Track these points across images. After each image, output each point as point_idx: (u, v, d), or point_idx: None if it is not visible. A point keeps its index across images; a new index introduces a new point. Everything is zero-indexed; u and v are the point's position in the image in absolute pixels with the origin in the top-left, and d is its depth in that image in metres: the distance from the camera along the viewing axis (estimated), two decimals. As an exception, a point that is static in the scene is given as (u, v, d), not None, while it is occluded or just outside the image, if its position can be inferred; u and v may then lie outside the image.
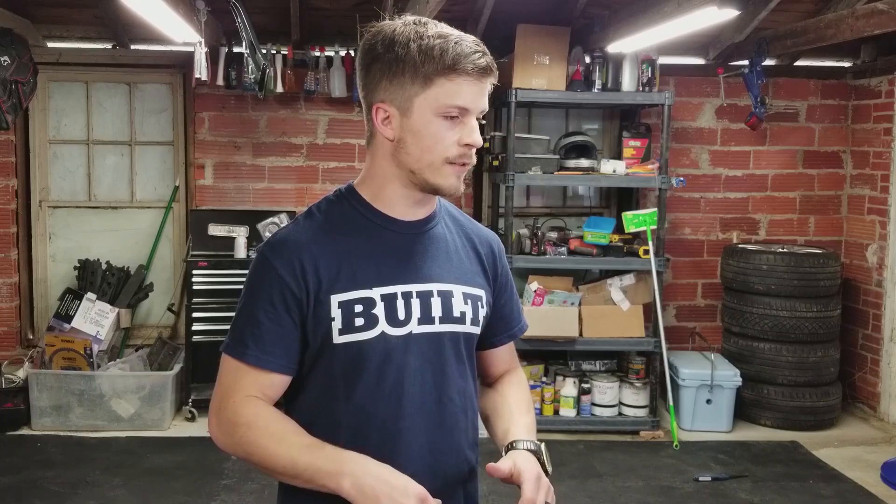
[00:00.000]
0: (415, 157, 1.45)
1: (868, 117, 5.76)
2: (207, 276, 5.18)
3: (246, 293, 1.51)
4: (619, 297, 5.25)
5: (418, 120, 1.43)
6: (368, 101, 1.48)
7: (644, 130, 5.51)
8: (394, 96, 1.44)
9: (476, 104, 1.44)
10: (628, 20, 4.74)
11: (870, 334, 5.61)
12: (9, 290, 5.59)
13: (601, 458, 4.78)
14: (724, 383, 5.19)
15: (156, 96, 5.77)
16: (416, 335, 1.50)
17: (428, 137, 1.43)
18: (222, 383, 1.49)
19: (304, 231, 1.50)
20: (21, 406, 4.99)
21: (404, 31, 1.43)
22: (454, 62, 1.40)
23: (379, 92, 1.45)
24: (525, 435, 1.56)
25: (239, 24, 4.75)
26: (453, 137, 1.43)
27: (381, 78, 1.44)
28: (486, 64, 1.42)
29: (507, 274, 1.70)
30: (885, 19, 4.16)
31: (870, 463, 4.67)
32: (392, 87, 1.43)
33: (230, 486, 4.29)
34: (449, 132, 1.43)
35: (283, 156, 5.70)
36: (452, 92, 1.41)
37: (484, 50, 1.44)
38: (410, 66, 1.41)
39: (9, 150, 5.53)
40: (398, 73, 1.42)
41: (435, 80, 1.40)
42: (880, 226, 5.59)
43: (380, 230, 1.51)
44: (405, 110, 1.43)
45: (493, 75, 1.44)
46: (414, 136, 1.44)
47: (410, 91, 1.42)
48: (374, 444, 1.47)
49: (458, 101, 1.41)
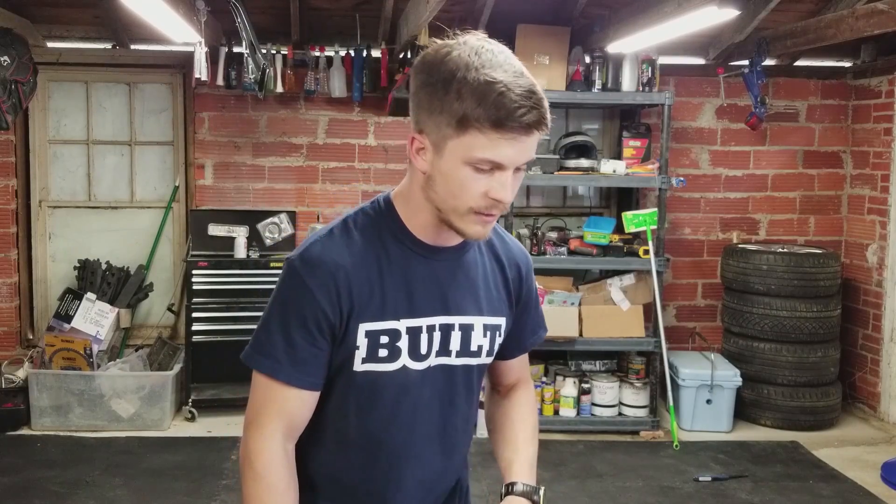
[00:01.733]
0: (441, 198, 1.39)
1: (868, 117, 5.76)
2: (207, 276, 5.18)
3: (279, 306, 1.46)
4: (619, 297, 5.25)
5: (448, 162, 1.35)
6: (412, 124, 1.41)
7: (644, 130, 5.51)
8: (430, 130, 1.36)
9: (513, 161, 1.33)
10: (628, 20, 4.74)
11: (870, 334, 5.61)
12: (9, 290, 5.59)
13: (601, 458, 4.78)
14: (724, 383, 5.19)
15: (156, 96, 5.78)
16: (433, 367, 1.52)
17: (455, 183, 1.35)
18: (256, 399, 1.49)
19: (339, 249, 1.44)
20: (21, 406, 4.99)
21: (457, 60, 1.31)
22: (493, 117, 1.28)
23: (420, 121, 1.38)
24: (526, 473, 1.60)
25: (239, 24, 4.74)
26: (481, 189, 1.34)
27: (423, 107, 1.36)
28: (532, 121, 1.29)
29: (530, 292, 1.68)
30: (885, 19, 4.16)
31: (870, 463, 4.67)
32: (430, 121, 1.35)
33: (230, 486, 4.29)
34: (477, 183, 1.34)
35: (283, 156, 5.70)
36: (486, 146, 1.30)
37: (535, 103, 1.29)
38: (448, 106, 1.31)
39: (9, 150, 5.53)
40: (436, 110, 1.33)
41: (469, 129, 1.30)
42: (880, 226, 5.59)
43: (412, 255, 1.48)
44: (439, 149, 1.35)
45: (541, 130, 1.32)
46: (443, 178, 1.37)
47: (445, 132, 1.33)
48: (383, 469, 1.52)
49: (490, 156, 1.31)
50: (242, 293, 5.21)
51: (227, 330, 5.20)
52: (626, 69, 5.19)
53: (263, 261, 5.34)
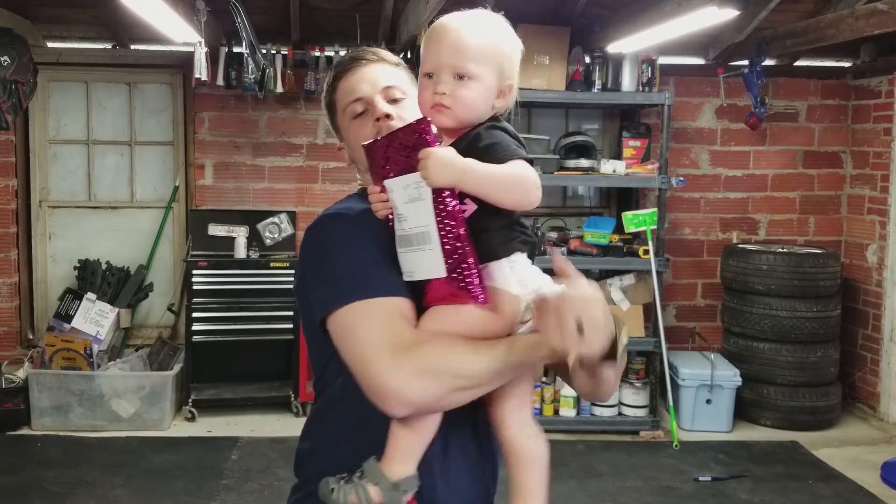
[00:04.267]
0: (359, 160, 1.57)
1: (868, 117, 5.76)
2: (207, 276, 5.18)
3: (327, 255, 1.44)
4: (619, 296, 5.25)
5: (346, 134, 1.63)
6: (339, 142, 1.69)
7: (644, 130, 5.51)
8: (338, 133, 1.66)
9: (361, 89, 1.58)
10: (628, 20, 4.74)
11: (870, 334, 5.61)
12: (9, 290, 5.59)
13: (601, 458, 4.78)
14: (724, 383, 5.19)
15: (156, 96, 5.77)
16: None
17: (353, 140, 1.60)
18: (372, 330, 1.35)
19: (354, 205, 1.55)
20: (21, 406, 4.99)
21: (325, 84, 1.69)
22: (332, 75, 1.64)
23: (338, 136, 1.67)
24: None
25: (239, 24, 4.75)
26: (367, 125, 1.57)
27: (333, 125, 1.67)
28: (353, 55, 1.63)
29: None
30: (885, 19, 4.16)
31: (870, 463, 4.67)
32: (334, 128, 1.67)
33: (230, 486, 4.29)
34: (363, 123, 1.58)
35: (283, 156, 5.71)
36: (344, 92, 1.61)
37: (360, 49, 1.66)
38: (326, 106, 1.66)
39: (9, 150, 5.53)
40: (330, 117, 1.67)
41: (335, 97, 1.63)
42: (880, 226, 5.59)
43: None
44: (343, 132, 1.64)
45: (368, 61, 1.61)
46: (350, 148, 1.63)
47: (335, 119, 1.65)
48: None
49: (350, 96, 1.59)
50: (242, 293, 5.22)
51: (227, 330, 5.21)
52: (626, 69, 5.19)
53: (263, 261, 5.34)
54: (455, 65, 1.41)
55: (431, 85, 1.43)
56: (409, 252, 1.39)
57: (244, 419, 5.20)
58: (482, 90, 1.42)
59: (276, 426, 5.14)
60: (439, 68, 1.42)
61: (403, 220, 1.39)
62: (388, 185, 1.40)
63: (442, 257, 1.33)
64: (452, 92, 1.41)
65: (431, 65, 1.43)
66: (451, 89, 1.41)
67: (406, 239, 1.39)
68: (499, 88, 1.45)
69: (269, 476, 4.41)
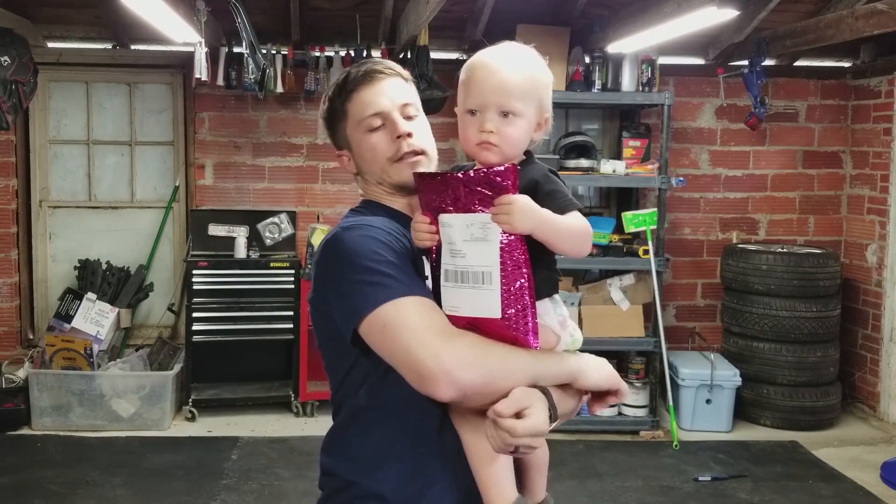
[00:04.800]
0: (371, 171, 1.61)
1: (868, 117, 5.76)
2: (207, 276, 5.18)
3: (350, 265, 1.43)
4: (619, 296, 5.26)
5: (356, 145, 1.62)
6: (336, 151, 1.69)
7: (644, 130, 5.51)
8: (340, 141, 1.66)
9: (380, 103, 1.58)
10: (628, 20, 4.74)
11: (869, 334, 5.61)
12: (9, 290, 5.59)
13: (601, 458, 4.78)
14: (724, 383, 5.19)
15: (156, 96, 5.78)
16: None
17: (367, 152, 1.60)
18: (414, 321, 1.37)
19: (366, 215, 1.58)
20: (21, 406, 4.99)
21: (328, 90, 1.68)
22: (346, 85, 1.61)
23: (336, 143, 1.67)
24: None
25: (239, 24, 4.75)
26: (384, 140, 1.58)
27: (331, 133, 1.68)
28: (368, 69, 1.61)
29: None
30: (884, 19, 4.16)
31: (869, 463, 4.68)
32: (335, 135, 1.66)
33: (230, 486, 4.29)
34: (378, 138, 1.58)
35: (283, 156, 5.71)
36: (361, 105, 1.59)
37: (373, 61, 1.64)
38: (328, 111, 1.66)
39: (9, 150, 5.53)
40: (332, 123, 1.66)
41: (347, 108, 1.61)
42: (880, 226, 5.59)
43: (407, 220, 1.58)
44: (349, 144, 1.63)
45: (385, 75, 1.60)
46: (361, 158, 1.62)
47: (342, 128, 1.63)
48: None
49: (369, 110, 1.58)
50: (242, 293, 5.22)
51: (227, 330, 5.21)
52: (626, 69, 5.19)
53: (263, 261, 5.34)
54: (501, 103, 1.44)
55: (476, 122, 1.46)
56: (461, 288, 1.39)
57: (244, 419, 5.20)
58: (525, 126, 1.47)
59: (276, 426, 5.14)
60: (485, 106, 1.45)
61: (460, 257, 1.40)
62: (447, 219, 1.41)
63: (499, 300, 1.36)
64: (498, 129, 1.45)
65: (476, 102, 1.46)
66: (497, 127, 1.45)
67: (460, 275, 1.40)
68: (537, 121, 1.49)
69: (269, 476, 4.41)
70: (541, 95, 1.48)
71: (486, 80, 1.45)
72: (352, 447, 1.51)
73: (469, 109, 1.47)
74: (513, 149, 1.47)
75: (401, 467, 1.46)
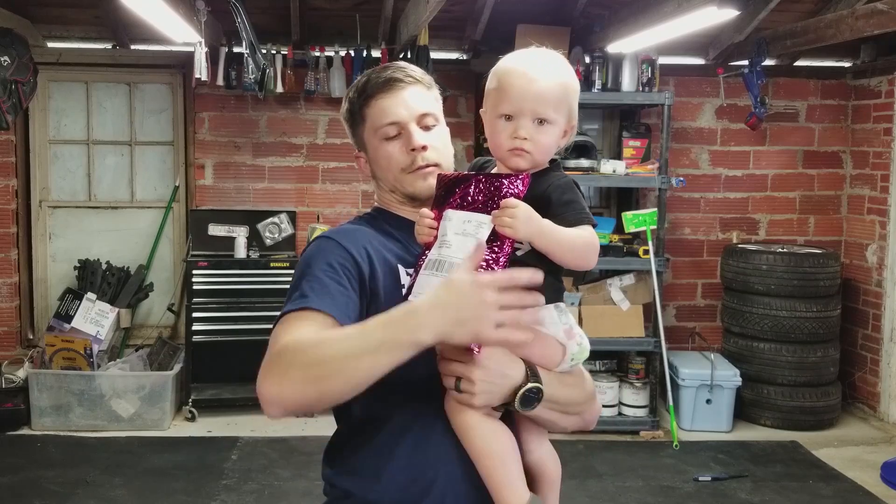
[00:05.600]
0: (385, 179, 1.62)
1: (868, 117, 5.76)
2: (207, 276, 5.18)
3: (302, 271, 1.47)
4: (619, 296, 5.25)
5: (372, 150, 1.62)
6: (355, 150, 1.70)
7: (644, 130, 5.51)
8: (358, 143, 1.65)
9: (399, 113, 1.56)
10: (628, 20, 4.74)
11: (870, 334, 5.61)
12: (9, 290, 5.59)
13: (601, 458, 4.78)
14: (724, 383, 5.19)
15: (156, 96, 5.78)
16: None
17: (382, 159, 1.60)
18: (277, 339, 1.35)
19: (362, 224, 1.61)
20: (21, 406, 4.99)
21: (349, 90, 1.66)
22: (366, 89, 1.60)
23: (355, 143, 1.67)
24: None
25: (239, 24, 4.75)
26: (398, 150, 1.57)
27: (351, 132, 1.67)
28: (389, 76, 1.58)
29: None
30: (885, 19, 4.16)
31: (870, 463, 4.67)
32: (354, 137, 1.66)
33: (230, 486, 4.29)
34: (394, 148, 1.58)
35: (283, 156, 5.71)
36: (379, 113, 1.58)
37: (392, 68, 1.60)
38: (349, 112, 1.64)
39: (9, 150, 5.53)
40: (351, 123, 1.65)
41: (365, 112, 1.60)
42: (880, 226, 5.59)
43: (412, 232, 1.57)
44: (366, 148, 1.63)
45: (405, 83, 1.58)
46: (377, 164, 1.62)
47: (360, 131, 1.63)
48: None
49: (385, 119, 1.57)
50: (242, 293, 5.22)
51: (227, 330, 5.21)
52: (626, 69, 5.19)
53: (263, 261, 5.34)
54: (536, 111, 1.46)
55: (510, 128, 1.47)
56: (434, 276, 1.39)
57: (244, 419, 5.19)
58: (557, 133, 1.49)
59: (276, 426, 5.14)
60: (520, 112, 1.46)
61: (445, 247, 1.41)
62: (449, 213, 1.43)
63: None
64: (532, 136, 1.46)
65: (512, 108, 1.46)
66: (531, 134, 1.46)
67: (438, 264, 1.40)
68: (565, 128, 1.51)
69: (269, 476, 4.41)
70: (571, 103, 1.50)
71: (525, 88, 1.45)
72: (350, 459, 1.52)
73: (504, 114, 1.48)
74: (543, 156, 1.49)
75: (399, 477, 1.46)
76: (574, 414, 1.55)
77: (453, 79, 5.55)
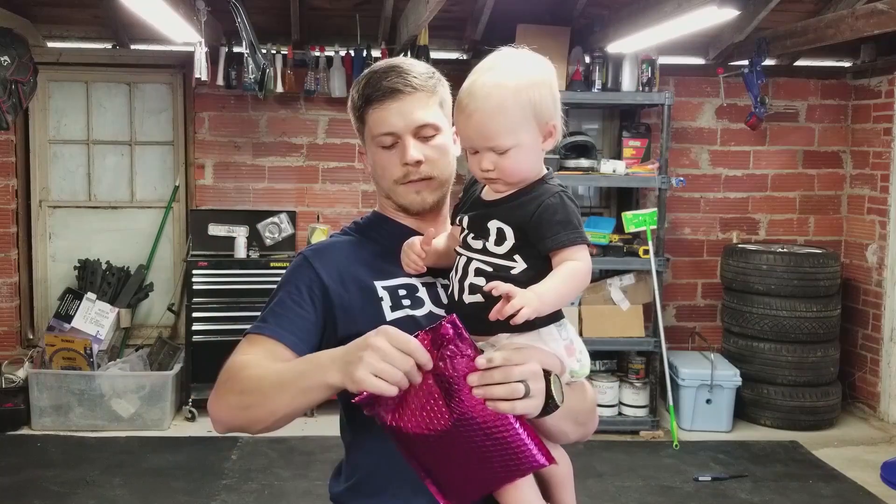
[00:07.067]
0: (378, 185, 1.61)
1: (868, 117, 5.76)
2: (207, 275, 5.18)
3: (276, 289, 1.55)
4: (619, 296, 5.25)
5: (370, 153, 1.59)
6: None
7: (644, 130, 5.51)
8: (363, 141, 1.62)
9: (396, 125, 1.52)
10: (628, 20, 4.74)
11: (870, 334, 5.61)
12: (9, 290, 5.59)
13: (601, 458, 4.78)
14: (724, 383, 5.19)
15: (156, 96, 5.78)
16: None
17: (377, 166, 1.58)
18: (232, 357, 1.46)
19: (343, 238, 1.63)
20: (21, 406, 4.99)
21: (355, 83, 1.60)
22: (364, 95, 1.54)
23: (361, 140, 1.63)
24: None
25: (239, 24, 4.75)
26: (394, 161, 1.54)
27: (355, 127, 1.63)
28: (389, 86, 1.51)
29: None
30: (885, 19, 4.16)
31: (870, 463, 4.67)
32: (359, 134, 1.62)
33: (230, 486, 4.29)
34: (389, 158, 1.54)
35: (283, 156, 5.71)
36: (376, 122, 1.54)
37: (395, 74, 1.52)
38: (352, 109, 1.59)
39: (9, 150, 5.53)
40: (356, 119, 1.60)
41: (365, 117, 1.56)
42: (880, 226, 5.59)
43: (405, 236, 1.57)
44: (366, 147, 1.61)
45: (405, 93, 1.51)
46: (372, 167, 1.60)
47: (363, 130, 1.59)
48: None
49: (382, 128, 1.53)
50: (242, 293, 5.22)
51: (227, 330, 5.20)
52: (626, 69, 5.19)
53: (263, 261, 5.34)
54: (488, 146, 1.38)
55: (474, 160, 1.42)
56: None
57: (244, 419, 5.19)
58: (526, 151, 1.39)
59: (276, 426, 5.14)
60: (474, 148, 1.41)
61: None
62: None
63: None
64: (496, 165, 1.38)
65: (466, 144, 1.42)
66: (495, 163, 1.38)
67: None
68: (542, 134, 1.41)
69: (269, 476, 4.41)
70: (535, 113, 1.37)
71: (465, 124, 1.39)
72: (350, 477, 1.53)
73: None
74: (519, 176, 1.41)
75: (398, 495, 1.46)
76: (581, 424, 1.57)
77: (453, 79, 5.52)
